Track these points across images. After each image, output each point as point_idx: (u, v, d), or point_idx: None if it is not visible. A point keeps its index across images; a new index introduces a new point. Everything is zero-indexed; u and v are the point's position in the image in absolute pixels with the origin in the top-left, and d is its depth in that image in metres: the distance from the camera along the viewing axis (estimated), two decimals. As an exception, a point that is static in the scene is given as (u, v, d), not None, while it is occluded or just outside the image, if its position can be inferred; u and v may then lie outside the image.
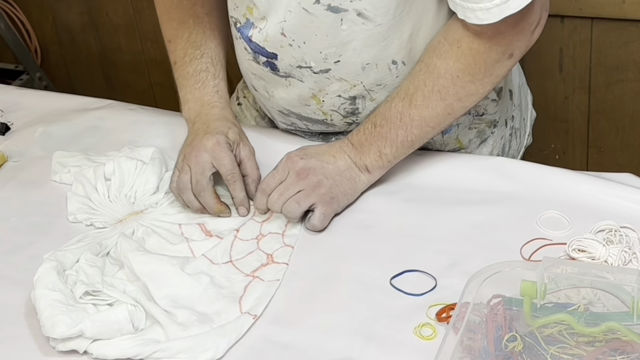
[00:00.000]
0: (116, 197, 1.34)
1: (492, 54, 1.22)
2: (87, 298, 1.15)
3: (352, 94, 1.32)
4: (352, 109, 1.34)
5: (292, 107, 1.37)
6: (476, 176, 1.33)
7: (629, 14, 2.02)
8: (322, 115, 1.36)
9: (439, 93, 1.25)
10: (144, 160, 1.38)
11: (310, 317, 1.14)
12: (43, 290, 1.14)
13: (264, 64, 1.33)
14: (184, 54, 1.41)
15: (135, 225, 1.30)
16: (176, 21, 1.41)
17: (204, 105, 1.38)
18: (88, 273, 1.19)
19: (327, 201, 1.27)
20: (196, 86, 1.39)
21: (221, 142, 1.30)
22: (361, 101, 1.33)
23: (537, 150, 2.22)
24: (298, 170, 1.27)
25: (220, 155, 1.29)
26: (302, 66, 1.30)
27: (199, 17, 1.41)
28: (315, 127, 1.40)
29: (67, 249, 1.24)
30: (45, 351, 1.13)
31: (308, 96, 1.34)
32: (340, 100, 1.33)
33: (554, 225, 1.23)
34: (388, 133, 1.28)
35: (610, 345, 1.00)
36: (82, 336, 1.11)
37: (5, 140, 1.54)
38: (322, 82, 1.31)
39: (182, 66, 1.40)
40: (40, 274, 1.17)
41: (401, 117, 1.27)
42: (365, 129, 1.30)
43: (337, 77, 1.30)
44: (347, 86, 1.31)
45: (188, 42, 1.40)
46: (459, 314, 1.02)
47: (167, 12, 1.42)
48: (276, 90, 1.36)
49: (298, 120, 1.40)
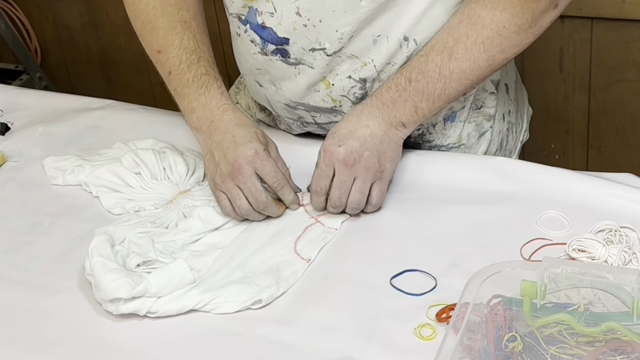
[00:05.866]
0: (158, 180, 1.36)
1: (540, 3, 1.21)
2: (141, 268, 1.19)
3: (363, 75, 1.31)
4: (362, 94, 1.33)
5: (300, 97, 1.36)
6: (476, 176, 1.33)
7: (629, 14, 2.02)
8: (331, 103, 1.35)
9: (483, 44, 1.23)
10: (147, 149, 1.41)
11: (310, 317, 1.14)
12: (100, 258, 1.17)
13: (273, 53, 1.32)
14: (179, 62, 1.33)
15: (189, 202, 1.32)
16: (163, 29, 1.35)
17: (214, 111, 1.31)
18: (139, 244, 1.23)
19: (380, 176, 1.26)
20: (200, 91, 1.32)
21: (259, 151, 1.26)
22: (371, 85, 1.32)
23: (537, 150, 2.23)
24: (343, 159, 1.25)
25: (262, 165, 1.26)
26: (316, 48, 1.29)
27: (187, 22, 1.35)
28: (323, 117, 1.38)
29: (116, 226, 1.27)
30: (45, 351, 1.13)
31: (318, 80, 1.33)
32: (351, 83, 1.32)
33: (554, 225, 1.23)
34: (425, 87, 1.25)
35: (610, 345, 1.00)
36: (144, 296, 1.15)
37: (5, 140, 1.54)
38: (333, 63, 1.30)
39: (180, 74, 1.33)
40: (95, 244, 1.20)
41: (440, 70, 1.24)
42: (397, 85, 1.27)
43: (349, 54, 1.29)
44: (358, 64, 1.30)
45: (181, 49, 1.33)
46: (459, 314, 1.02)
47: (150, 22, 1.35)
48: (284, 82, 1.35)
49: (305, 112, 1.38)
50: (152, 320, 1.16)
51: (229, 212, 1.28)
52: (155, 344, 1.13)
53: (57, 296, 1.21)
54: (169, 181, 1.37)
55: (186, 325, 1.15)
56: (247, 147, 1.26)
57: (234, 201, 1.26)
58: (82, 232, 1.31)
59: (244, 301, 1.16)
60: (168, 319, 1.16)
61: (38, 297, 1.21)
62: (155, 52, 1.36)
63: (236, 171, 1.25)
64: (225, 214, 1.29)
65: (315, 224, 1.28)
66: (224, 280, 1.19)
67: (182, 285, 1.17)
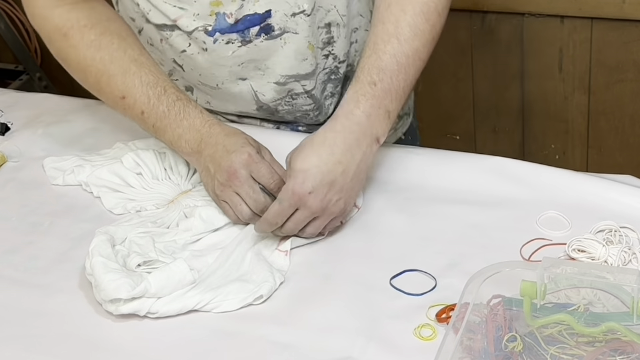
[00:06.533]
0: (159, 180, 1.37)
1: None
2: (141, 268, 1.20)
3: (327, 21, 1.35)
4: (328, 38, 1.35)
5: (289, 69, 1.37)
6: (476, 176, 1.33)
7: (629, 14, 2.02)
8: (315, 63, 1.37)
9: (422, 14, 1.23)
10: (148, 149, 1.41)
11: (311, 317, 1.14)
12: (100, 258, 1.17)
13: (257, 35, 1.33)
14: (148, 99, 1.30)
15: (190, 202, 1.32)
16: (120, 75, 1.31)
17: (201, 129, 1.29)
18: (140, 244, 1.23)
19: (343, 211, 1.24)
20: (180, 117, 1.29)
21: (252, 154, 1.24)
22: (336, 29, 1.36)
23: (537, 150, 2.23)
24: (310, 206, 1.20)
25: (257, 167, 1.24)
26: (296, 12, 1.31)
27: (136, 59, 1.32)
28: (311, 82, 1.39)
29: (117, 226, 1.27)
30: (45, 351, 1.13)
31: (304, 48, 1.35)
32: (319, 32, 1.35)
33: (553, 225, 1.23)
34: (390, 85, 1.23)
35: (610, 346, 1.00)
36: (144, 297, 1.15)
37: (5, 140, 1.54)
38: (313, 25, 1.33)
39: (153, 109, 1.30)
40: (96, 244, 1.20)
41: (397, 59, 1.22)
42: (365, 94, 1.22)
43: (317, 7, 1.33)
44: (323, 13, 1.34)
45: (144, 86, 1.30)
46: (459, 314, 1.02)
47: (103, 73, 1.32)
48: (271, 59, 1.36)
49: (296, 83, 1.39)
50: (152, 320, 1.16)
51: (235, 220, 1.28)
52: (155, 344, 1.13)
53: (57, 296, 1.21)
54: (170, 181, 1.37)
55: (186, 325, 1.15)
56: (239, 152, 1.25)
57: (235, 208, 1.26)
58: (82, 232, 1.31)
59: (245, 297, 1.16)
60: (168, 319, 1.16)
61: (38, 297, 1.21)
62: (120, 99, 1.33)
63: (232, 176, 1.25)
64: (232, 221, 1.28)
65: None
66: (223, 279, 1.19)
67: (182, 285, 1.17)
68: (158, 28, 1.37)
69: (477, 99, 2.30)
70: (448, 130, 2.39)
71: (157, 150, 1.40)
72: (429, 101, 2.25)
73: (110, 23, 1.34)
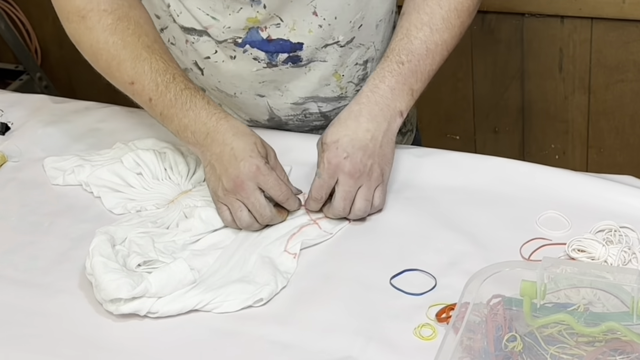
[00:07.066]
0: (159, 180, 1.37)
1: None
2: (141, 268, 1.20)
3: (366, 58, 1.35)
4: (364, 75, 1.37)
5: (310, 92, 1.38)
6: (476, 176, 1.33)
7: (629, 14, 2.02)
8: (339, 91, 1.37)
9: (456, 11, 1.28)
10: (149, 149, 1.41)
11: (310, 317, 1.14)
12: (100, 258, 1.18)
13: (284, 62, 1.33)
14: (156, 85, 1.29)
15: (190, 202, 1.32)
16: (130, 60, 1.30)
17: (207, 122, 1.28)
18: (140, 244, 1.23)
19: (381, 180, 1.27)
20: (186, 107, 1.29)
21: (261, 166, 1.24)
22: (370, 64, 1.36)
23: (537, 150, 2.23)
24: (349, 172, 1.24)
25: (265, 180, 1.24)
26: (329, 44, 1.32)
27: (149, 46, 1.31)
28: (329, 105, 1.41)
29: (117, 226, 1.27)
30: (45, 351, 1.13)
31: (329, 75, 1.35)
32: (356, 69, 1.35)
33: (553, 225, 1.23)
34: (417, 66, 1.28)
35: (610, 345, 1.00)
36: (144, 297, 1.15)
37: (5, 140, 1.54)
38: (345, 55, 1.34)
39: (161, 97, 1.29)
40: (96, 244, 1.20)
41: (427, 46, 1.27)
42: (391, 71, 1.28)
43: (357, 44, 1.33)
44: (363, 51, 1.34)
45: (153, 73, 1.30)
46: (459, 314, 1.02)
47: (114, 57, 1.31)
48: (292, 83, 1.37)
49: (312, 104, 1.40)
50: (152, 320, 1.16)
51: (229, 223, 1.27)
52: (155, 344, 1.13)
53: (57, 296, 1.21)
54: (170, 181, 1.37)
55: (186, 325, 1.15)
56: (248, 163, 1.24)
57: (234, 213, 1.26)
58: (82, 232, 1.31)
59: (245, 299, 1.16)
60: (168, 319, 1.16)
61: (38, 297, 1.21)
62: (129, 85, 1.32)
63: (239, 187, 1.24)
64: (226, 225, 1.28)
65: (312, 224, 1.28)
66: (224, 279, 1.19)
67: (183, 285, 1.17)
68: (185, 30, 1.37)
69: (477, 99, 2.30)
70: (448, 130, 2.39)
71: (157, 150, 1.40)
72: (429, 101, 2.25)
73: (130, 10, 1.33)
